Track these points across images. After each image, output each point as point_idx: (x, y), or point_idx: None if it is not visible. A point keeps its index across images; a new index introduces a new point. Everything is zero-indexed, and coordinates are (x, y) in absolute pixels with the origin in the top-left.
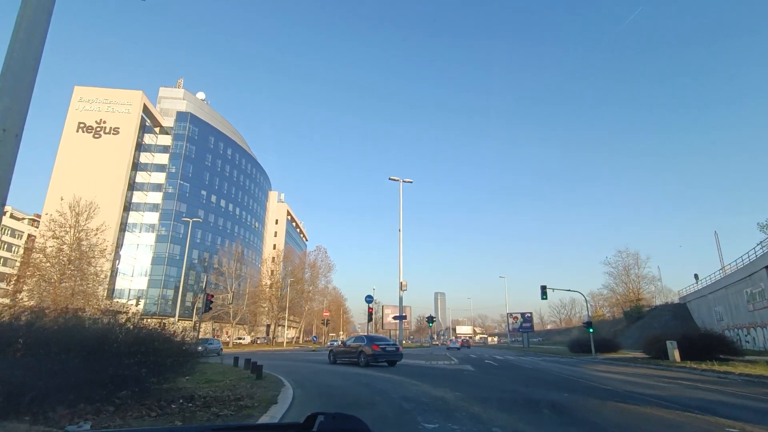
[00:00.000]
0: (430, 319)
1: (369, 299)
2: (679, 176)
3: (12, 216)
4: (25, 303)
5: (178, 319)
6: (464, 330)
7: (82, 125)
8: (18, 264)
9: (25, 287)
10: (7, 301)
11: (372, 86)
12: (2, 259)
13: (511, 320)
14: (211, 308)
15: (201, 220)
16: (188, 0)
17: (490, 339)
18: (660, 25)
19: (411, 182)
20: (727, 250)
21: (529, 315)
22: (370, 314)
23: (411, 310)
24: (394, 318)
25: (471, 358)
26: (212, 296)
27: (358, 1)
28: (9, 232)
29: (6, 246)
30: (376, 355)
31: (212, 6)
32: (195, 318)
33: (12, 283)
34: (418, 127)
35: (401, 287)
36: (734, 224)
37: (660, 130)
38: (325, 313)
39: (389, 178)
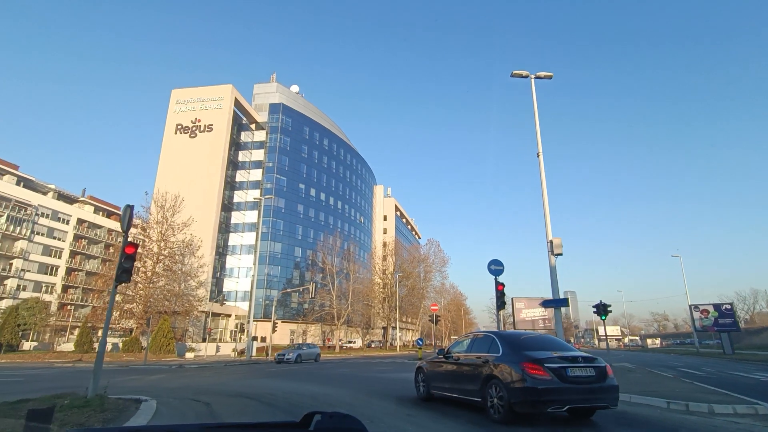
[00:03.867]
0: (602, 309)
1: (496, 268)
2: None
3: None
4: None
5: (254, 320)
6: (609, 331)
7: (179, 126)
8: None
9: (107, 290)
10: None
11: (474, 78)
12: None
13: (698, 315)
14: (129, 278)
15: (273, 197)
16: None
17: (650, 341)
18: None
19: (550, 77)
20: None
21: (728, 307)
22: (499, 294)
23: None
24: (545, 304)
25: None
26: (135, 247)
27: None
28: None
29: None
30: (543, 390)
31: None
32: (274, 318)
33: (102, 284)
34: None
35: (551, 249)
36: None
37: None
38: (432, 307)
39: (512, 74)
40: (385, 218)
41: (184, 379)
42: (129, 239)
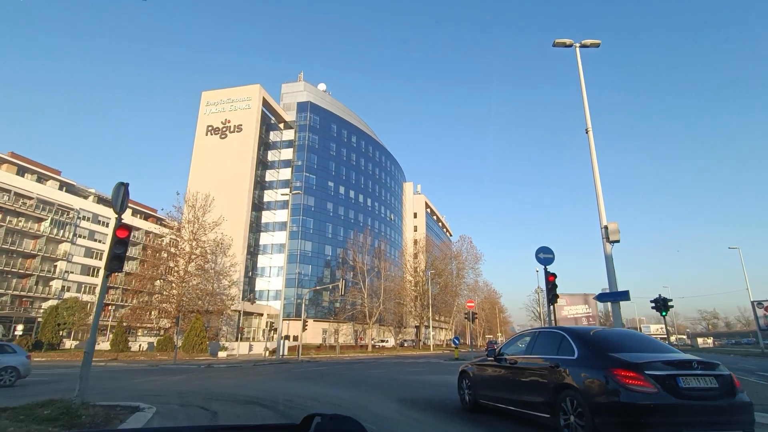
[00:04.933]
0: (662, 305)
1: (545, 257)
2: None
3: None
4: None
5: (283, 319)
6: (653, 330)
7: (210, 128)
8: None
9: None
10: (135, 302)
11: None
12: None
13: (761, 311)
14: (121, 267)
15: (301, 192)
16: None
17: (701, 340)
18: None
19: (597, 45)
20: None
21: None
22: (550, 285)
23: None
24: (600, 298)
25: None
26: (129, 231)
27: None
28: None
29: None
30: (647, 407)
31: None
32: (304, 316)
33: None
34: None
35: (607, 235)
36: None
37: None
38: (468, 304)
39: (554, 44)
40: (415, 215)
41: (205, 380)
42: (162, 239)
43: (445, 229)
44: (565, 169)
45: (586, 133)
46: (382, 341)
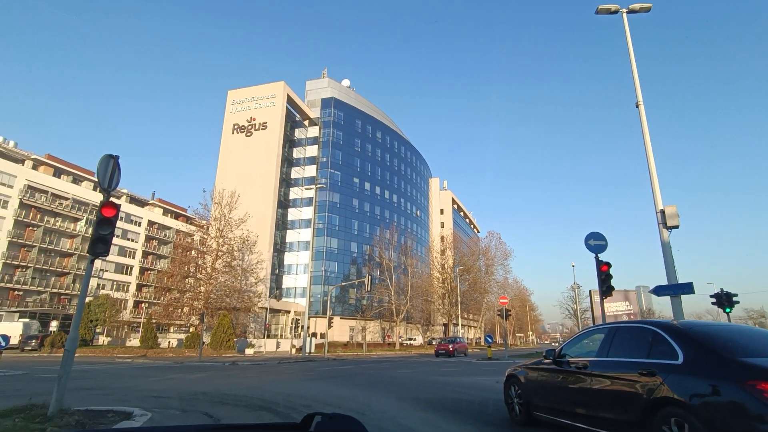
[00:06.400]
0: (726, 300)
1: (597, 244)
2: None
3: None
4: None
5: (309, 317)
6: None
7: (236, 126)
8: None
9: (172, 287)
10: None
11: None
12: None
13: None
14: (107, 250)
15: (324, 186)
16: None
17: None
18: None
19: (648, 9)
20: None
21: None
22: (604, 276)
23: (638, 295)
24: (657, 291)
25: None
26: (116, 210)
27: None
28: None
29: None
30: None
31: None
32: (330, 314)
33: (167, 280)
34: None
35: (664, 221)
36: None
37: None
38: (501, 300)
39: (597, 11)
40: (441, 212)
41: (223, 379)
42: (191, 237)
43: (472, 226)
44: (594, 162)
45: (637, 107)
46: (410, 339)
